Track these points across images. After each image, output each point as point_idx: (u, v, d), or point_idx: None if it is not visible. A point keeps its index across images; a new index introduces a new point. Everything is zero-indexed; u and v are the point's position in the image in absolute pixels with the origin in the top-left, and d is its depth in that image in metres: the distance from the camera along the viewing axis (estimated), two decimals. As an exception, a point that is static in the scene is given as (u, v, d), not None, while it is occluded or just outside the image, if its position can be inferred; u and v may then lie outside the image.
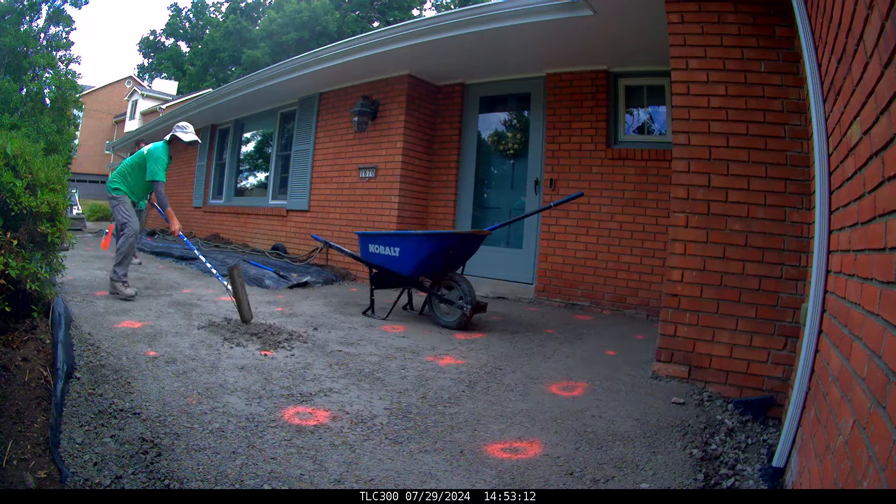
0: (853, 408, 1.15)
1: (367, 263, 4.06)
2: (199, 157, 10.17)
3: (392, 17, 31.35)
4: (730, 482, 1.78)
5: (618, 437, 2.04)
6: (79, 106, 13.93)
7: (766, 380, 2.47)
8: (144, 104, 28.76)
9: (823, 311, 1.77)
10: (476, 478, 1.69)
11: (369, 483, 1.62)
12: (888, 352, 0.96)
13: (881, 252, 1.07)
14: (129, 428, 1.85)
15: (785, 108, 2.53)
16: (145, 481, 1.55)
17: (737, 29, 2.66)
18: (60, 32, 13.64)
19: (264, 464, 1.69)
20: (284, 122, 8.06)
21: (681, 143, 2.76)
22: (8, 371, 2.09)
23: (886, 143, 1.05)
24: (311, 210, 6.93)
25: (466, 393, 2.46)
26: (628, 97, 4.95)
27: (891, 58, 1.01)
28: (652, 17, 3.53)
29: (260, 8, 37.19)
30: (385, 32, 5.33)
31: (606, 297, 4.78)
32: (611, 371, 2.87)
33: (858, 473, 1.03)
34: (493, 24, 4.41)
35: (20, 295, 2.58)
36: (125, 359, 2.52)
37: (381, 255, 3.94)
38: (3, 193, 2.47)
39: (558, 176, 5.11)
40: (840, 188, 1.62)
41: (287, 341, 3.07)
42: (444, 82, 6.05)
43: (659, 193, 4.52)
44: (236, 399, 2.18)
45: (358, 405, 2.22)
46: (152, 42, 38.89)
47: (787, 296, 2.47)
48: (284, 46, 28.75)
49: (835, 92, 1.65)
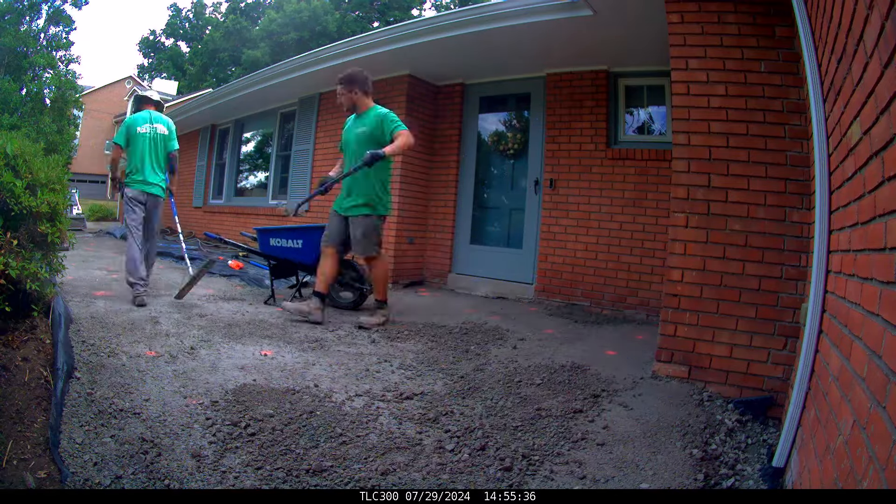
0: (853, 408, 1.15)
1: (266, 256, 4.35)
2: (199, 157, 10.17)
3: (392, 17, 31.35)
4: (730, 482, 1.78)
5: (618, 436, 2.04)
6: (79, 106, 13.92)
7: (766, 380, 2.47)
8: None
9: (823, 311, 1.77)
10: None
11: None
12: (888, 352, 0.96)
13: (881, 252, 1.07)
14: (129, 428, 1.85)
15: (785, 108, 2.53)
16: (145, 481, 1.55)
17: (737, 29, 2.66)
18: (60, 32, 13.64)
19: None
20: (284, 122, 8.06)
21: (681, 143, 2.76)
22: (8, 371, 2.09)
23: (886, 143, 1.05)
24: (311, 210, 6.93)
25: (463, 394, 2.45)
26: (628, 97, 4.95)
27: (891, 58, 1.01)
28: (652, 17, 3.53)
29: (260, 8, 37.18)
30: (385, 32, 5.33)
31: (606, 296, 4.78)
32: (611, 371, 2.87)
33: (858, 473, 1.03)
34: (493, 24, 4.41)
35: (20, 295, 2.58)
36: (125, 359, 2.52)
37: (284, 247, 4.28)
38: (3, 193, 2.47)
39: (558, 176, 5.11)
40: (840, 188, 1.62)
41: (288, 342, 3.07)
42: (444, 82, 6.05)
43: (659, 193, 4.52)
44: (236, 399, 2.18)
45: (357, 400, 2.22)
46: (152, 42, 38.88)
47: (787, 296, 2.47)
48: (284, 46, 28.74)
49: (835, 92, 1.65)
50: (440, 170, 6.03)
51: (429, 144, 6.06)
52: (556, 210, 5.10)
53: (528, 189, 5.40)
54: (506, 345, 3.39)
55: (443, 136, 6.05)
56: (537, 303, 5.07)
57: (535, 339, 3.59)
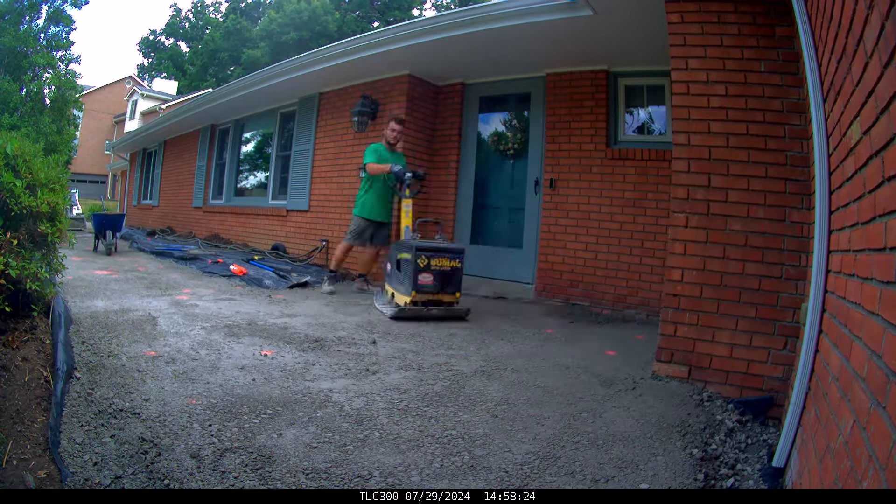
0: (853, 408, 1.15)
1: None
2: (199, 158, 10.16)
3: (392, 17, 31.34)
4: (730, 482, 1.78)
5: (618, 436, 2.04)
6: (79, 106, 13.94)
7: (766, 380, 2.47)
8: (144, 104, 28.73)
9: (823, 311, 1.77)
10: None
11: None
12: (888, 352, 0.96)
13: (881, 252, 1.07)
14: (129, 428, 1.85)
15: (785, 108, 2.53)
16: (145, 481, 1.55)
17: (737, 29, 2.66)
18: (60, 32, 13.68)
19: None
20: (284, 122, 8.06)
21: (681, 143, 2.76)
22: (8, 371, 2.09)
23: (886, 143, 1.05)
24: (311, 210, 6.93)
25: (460, 395, 2.46)
26: (628, 97, 4.95)
27: (891, 57, 1.01)
28: (652, 17, 3.53)
29: (260, 8, 37.18)
30: (385, 32, 5.32)
31: (606, 296, 4.78)
32: (611, 371, 2.87)
33: (858, 473, 1.03)
34: (493, 24, 4.41)
35: (20, 295, 2.58)
36: (125, 359, 2.52)
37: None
38: (3, 193, 2.47)
39: (558, 176, 5.10)
40: (840, 188, 1.62)
41: (288, 342, 3.07)
42: (444, 82, 6.05)
43: (659, 193, 4.52)
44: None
45: (356, 403, 2.22)
46: (152, 42, 38.87)
47: (787, 296, 2.47)
48: (284, 46, 28.71)
49: (835, 92, 1.65)
50: (440, 170, 6.02)
51: (429, 144, 6.06)
52: (555, 210, 5.10)
53: (528, 189, 5.40)
54: (506, 345, 3.39)
55: (443, 136, 6.05)
56: (537, 303, 5.07)
57: (535, 338, 3.58)
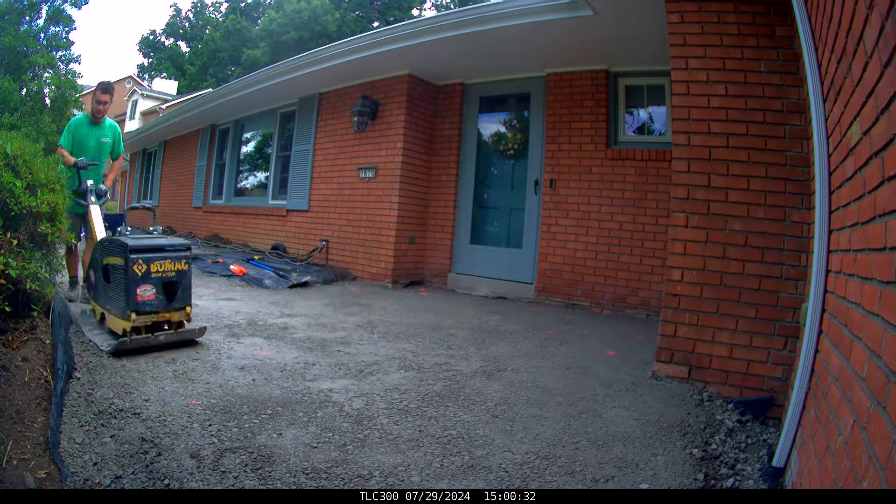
0: (853, 408, 1.15)
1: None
2: (199, 158, 10.17)
3: (392, 17, 31.32)
4: (730, 482, 1.78)
5: (618, 437, 2.04)
6: (79, 106, 13.93)
7: (766, 380, 2.46)
8: (144, 104, 28.72)
9: (823, 311, 1.77)
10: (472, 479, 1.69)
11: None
12: (888, 352, 0.96)
13: (881, 252, 1.07)
14: (129, 428, 1.85)
15: (785, 108, 2.53)
16: (145, 481, 1.55)
17: (737, 29, 2.66)
18: (60, 32, 13.68)
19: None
20: (284, 122, 8.06)
21: (681, 143, 2.76)
22: (8, 371, 2.09)
23: (886, 143, 1.05)
24: (311, 210, 6.93)
25: (463, 393, 2.46)
26: (628, 97, 4.95)
27: (891, 57, 1.01)
28: (652, 17, 3.53)
29: (260, 8, 37.17)
30: (385, 32, 5.32)
31: (606, 296, 4.78)
32: (611, 371, 2.87)
33: (858, 473, 1.03)
34: (493, 24, 4.41)
35: (20, 295, 2.58)
36: (125, 359, 2.52)
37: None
38: (3, 193, 2.47)
39: (558, 176, 5.10)
40: (840, 188, 1.62)
41: (288, 342, 3.07)
42: (444, 82, 6.05)
43: (659, 193, 4.52)
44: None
45: (356, 404, 2.22)
46: (152, 42, 38.85)
47: (787, 296, 2.47)
48: (284, 46, 28.71)
49: (835, 92, 1.65)
50: (440, 170, 6.03)
51: (429, 144, 6.06)
52: (555, 210, 5.10)
53: (528, 189, 5.40)
54: (506, 345, 3.39)
55: (443, 136, 6.05)
56: (537, 303, 5.07)
57: (535, 339, 3.58)
